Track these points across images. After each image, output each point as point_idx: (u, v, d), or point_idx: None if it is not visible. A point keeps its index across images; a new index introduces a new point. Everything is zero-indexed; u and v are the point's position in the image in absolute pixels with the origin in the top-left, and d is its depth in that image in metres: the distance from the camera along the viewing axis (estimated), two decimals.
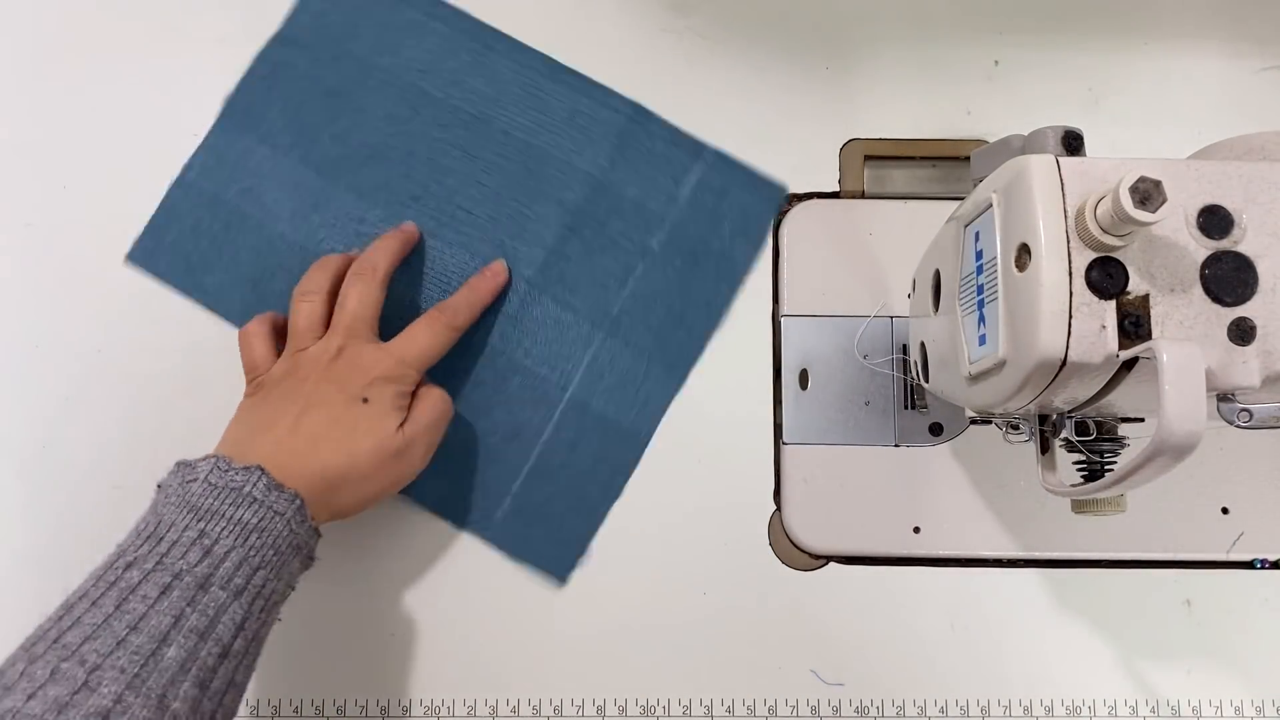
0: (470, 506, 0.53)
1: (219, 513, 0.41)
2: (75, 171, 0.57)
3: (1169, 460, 0.33)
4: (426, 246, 0.55)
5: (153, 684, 0.36)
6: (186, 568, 0.40)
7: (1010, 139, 0.41)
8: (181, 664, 0.38)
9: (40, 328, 0.55)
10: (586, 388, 0.54)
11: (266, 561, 0.42)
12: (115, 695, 0.35)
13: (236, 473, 0.42)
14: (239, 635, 0.40)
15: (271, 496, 0.43)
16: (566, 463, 0.54)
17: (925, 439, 0.55)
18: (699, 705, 0.52)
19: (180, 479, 0.43)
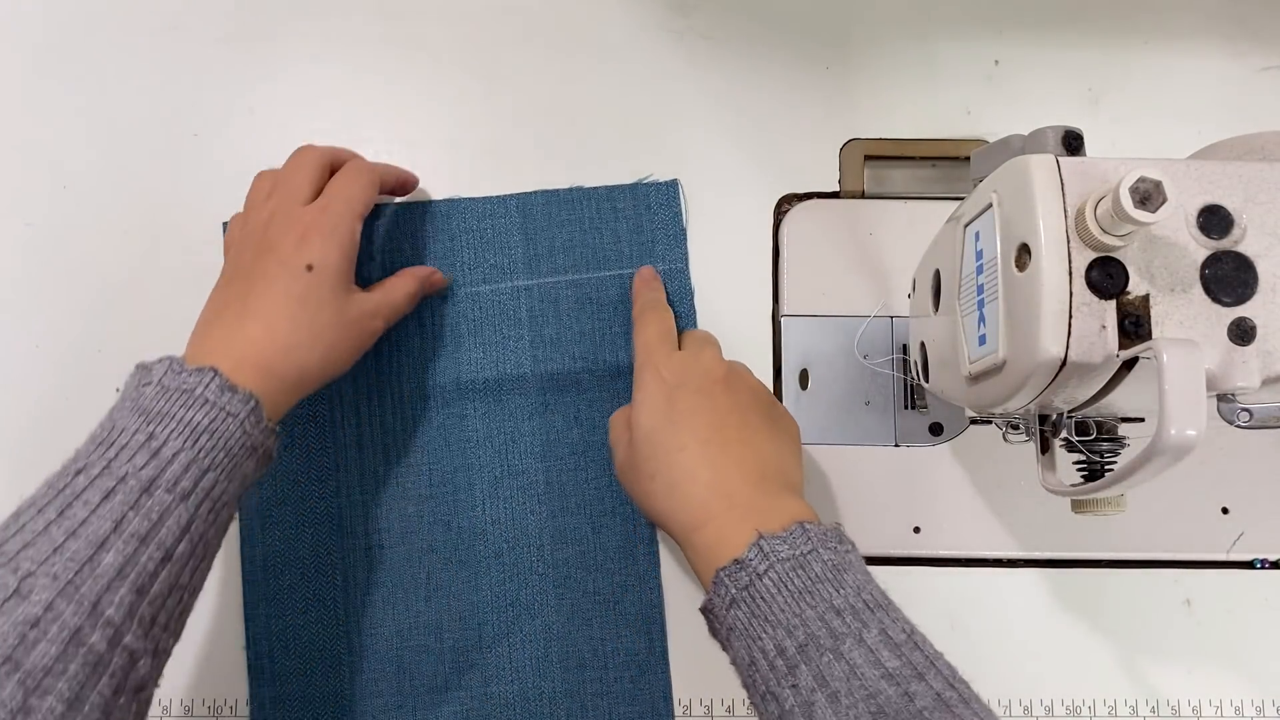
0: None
1: (169, 414, 0.40)
2: (75, 171, 0.57)
3: (1169, 460, 0.33)
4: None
5: (86, 590, 0.35)
6: (132, 471, 0.38)
7: (1010, 139, 0.41)
8: (119, 569, 0.36)
9: (40, 328, 0.55)
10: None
11: (217, 464, 0.41)
12: (45, 602, 0.34)
13: (189, 374, 0.41)
14: (184, 538, 0.39)
15: (224, 398, 0.41)
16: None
17: (925, 439, 0.55)
18: (699, 705, 0.52)
19: (136, 381, 0.42)
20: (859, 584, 0.39)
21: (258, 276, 0.45)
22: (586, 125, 0.58)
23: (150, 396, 0.41)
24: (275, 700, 0.52)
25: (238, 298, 0.45)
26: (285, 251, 0.45)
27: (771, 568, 0.39)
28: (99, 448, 0.39)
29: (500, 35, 0.58)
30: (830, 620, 0.38)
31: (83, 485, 0.38)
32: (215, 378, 0.41)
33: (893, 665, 0.36)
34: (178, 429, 0.40)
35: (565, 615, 0.53)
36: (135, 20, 0.58)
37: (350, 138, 0.57)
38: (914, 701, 0.35)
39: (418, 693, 0.52)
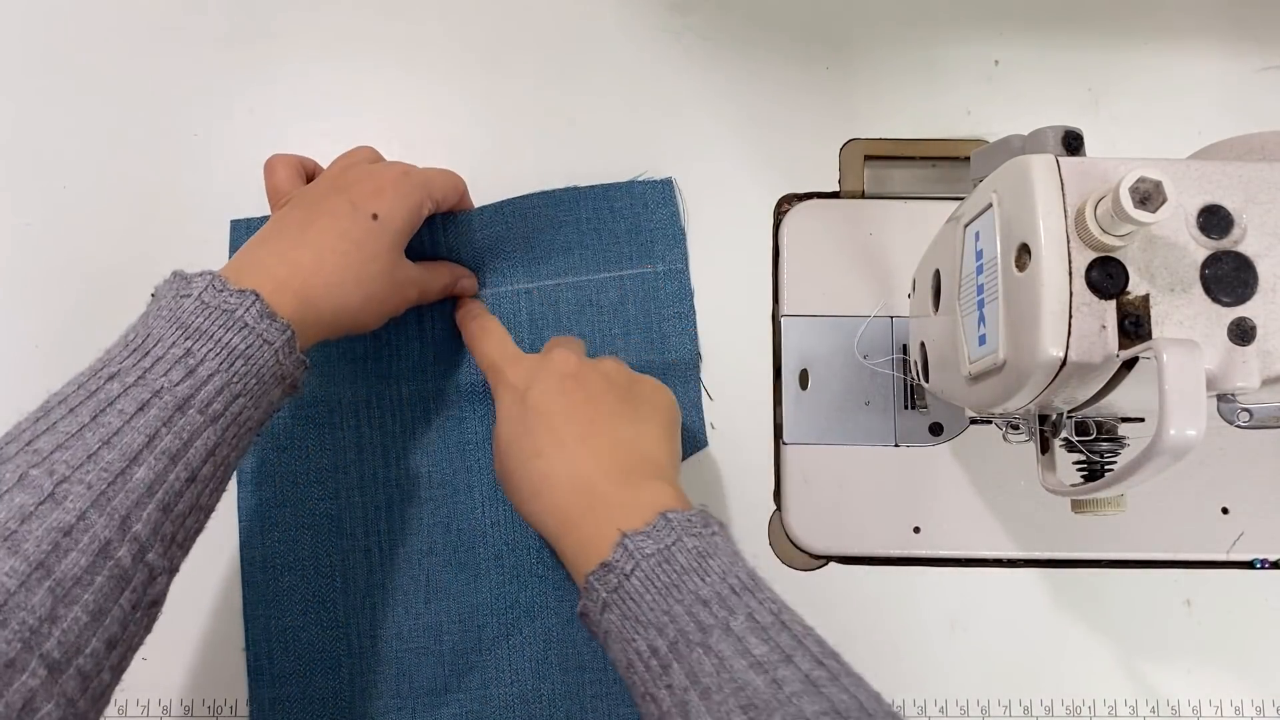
0: None
1: (207, 333, 0.40)
2: (75, 171, 0.57)
3: (1169, 460, 0.33)
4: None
5: (118, 503, 0.35)
6: (167, 386, 0.38)
7: (1010, 139, 0.41)
8: (149, 485, 0.36)
9: (40, 328, 0.55)
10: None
11: (248, 389, 0.41)
12: (79, 511, 0.34)
13: (231, 294, 0.41)
14: (209, 460, 0.39)
15: (263, 324, 0.41)
16: None
17: (925, 439, 0.55)
18: None
19: (175, 291, 0.41)
20: (724, 568, 0.39)
21: (323, 211, 0.45)
22: (586, 125, 0.58)
23: (189, 310, 0.40)
24: (275, 702, 0.52)
25: (296, 225, 0.45)
26: (357, 194, 0.46)
27: (638, 566, 0.39)
28: (133, 355, 0.39)
29: (500, 35, 0.58)
30: (697, 613, 0.37)
31: (117, 392, 0.37)
32: (256, 302, 0.41)
33: (760, 652, 0.36)
34: (214, 349, 0.39)
35: (565, 617, 0.53)
36: (135, 20, 0.58)
37: (350, 138, 0.57)
38: (782, 689, 0.35)
39: (417, 695, 0.52)
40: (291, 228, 0.45)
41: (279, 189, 0.49)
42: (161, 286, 0.42)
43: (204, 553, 0.54)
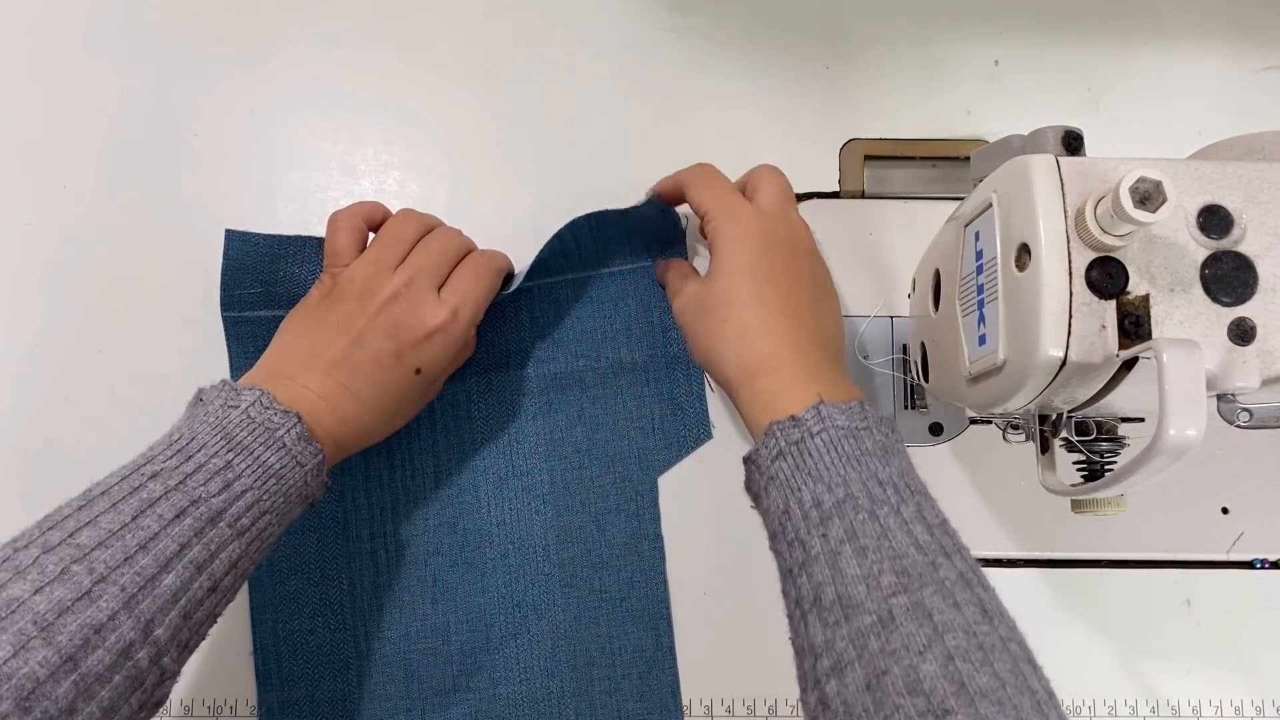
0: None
1: (249, 449, 0.42)
2: (75, 171, 0.57)
3: (1169, 460, 0.33)
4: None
5: (145, 608, 0.37)
6: (204, 496, 0.40)
7: (1010, 139, 0.41)
8: (174, 593, 0.38)
9: (40, 328, 0.55)
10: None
11: (275, 508, 0.43)
12: (111, 612, 0.36)
13: (276, 413, 0.43)
14: (230, 572, 0.41)
15: (299, 447, 0.43)
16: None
17: (925, 439, 0.55)
18: (699, 705, 0.52)
19: (223, 401, 0.43)
20: (904, 469, 0.40)
21: (370, 361, 0.46)
22: (586, 125, 0.58)
23: (235, 423, 0.42)
24: (283, 705, 0.52)
25: (343, 365, 0.46)
26: (405, 345, 0.47)
27: (825, 429, 0.40)
28: (176, 456, 0.41)
29: (500, 35, 0.58)
30: (872, 487, 0.39)
31: (158, 493, 0.39)
32: (297, 424, 0.43)
33: (924, 539, 0.37)
34: (252, 466, 0.42)
35: (572, 614, 0.53)
36: (135, 20, 0.58)
37: (350, 138, 0.58)
38: (938, 571, 0.36)
39: (426, 695, 0.52)
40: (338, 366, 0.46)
41: (338, 253, 0.49)
42: (209, 391, 0.44)
43: None
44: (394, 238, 0.49)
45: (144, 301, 0.56)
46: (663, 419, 0.55)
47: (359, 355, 0.46)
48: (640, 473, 0.54)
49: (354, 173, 0.57)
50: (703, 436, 0.55)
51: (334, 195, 0.57)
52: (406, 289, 0.47)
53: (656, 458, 0.54)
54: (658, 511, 0.54)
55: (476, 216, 0.57)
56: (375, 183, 0.57)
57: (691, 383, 0.55)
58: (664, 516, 0.54)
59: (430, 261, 0.48)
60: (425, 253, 0.49)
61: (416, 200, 0.57)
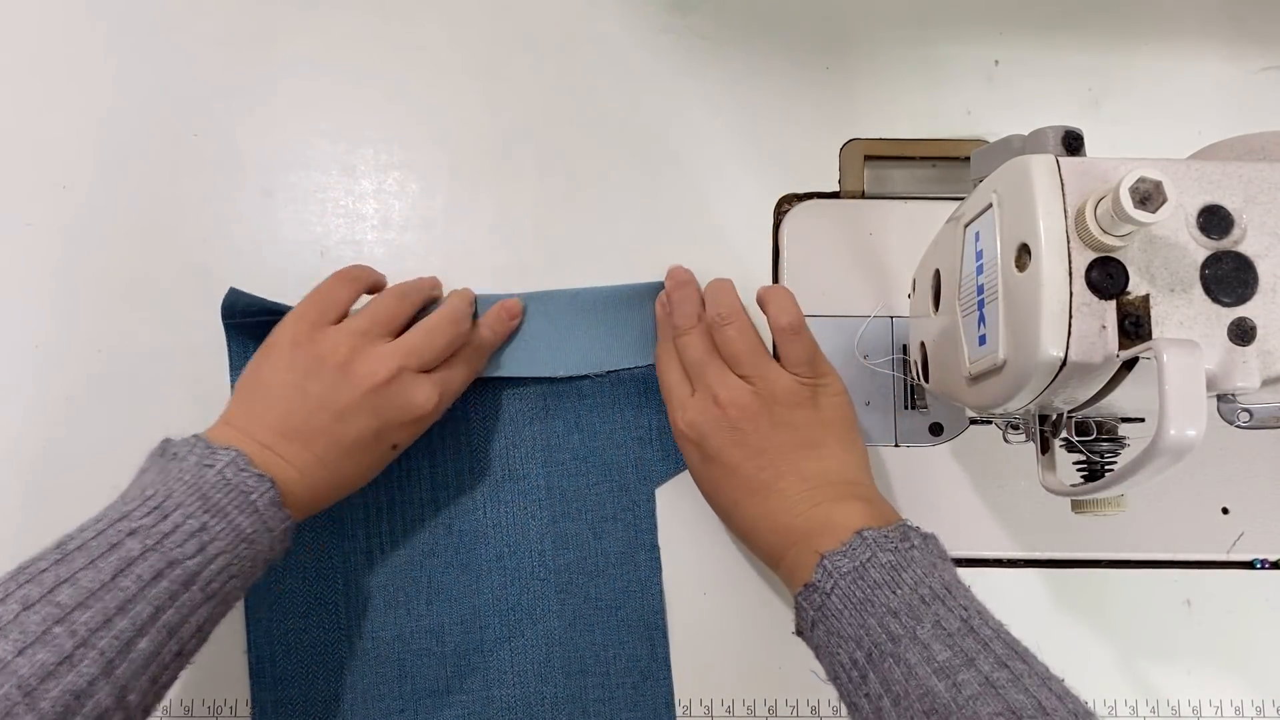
0: None
1: (224, 511, 0.42)
2: (75, 171, 0.57)
3: (1169, 460, 0.33)
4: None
5: (121, 673, 0.37)
6: (181, 558, 0.40)
7: (1010, 139, 0.41)
8: (147, 659, 0.38)
9: (40, 328, 0.55)
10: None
11: (242, 571, 0.43)
12: (91, 678, 0.36)
13: (251, 476, 0.43)
14: (196, 635, 0.41)
15: (270, 512, 0.44)
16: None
17: (925, 439, 0.55)
18: (699, 705, 0.52)
19: (199, 459, 0.43)
20: (916, 580, 0.41)
21: (351, 437, 0.46)
22: (586, 125, 0.58)
23: (211, 483, 0.42)
24: (277, 704, 0.52)
25: (322, 439, 0.46)
26: (387, 426, 0.47)
27: (836, 584, 0.42)
28: (153, 514, 0.41)
29: (499, 36, 0.58)
30: (889, 624, 0.40)
31: (136, 552, 0.39)
32: (270, 489, 0.43)
33: (943, 658, 0.38)
34: (226, 529, 0.42)
35: (567, 620, 0.53)
36: (135, 20, 0.58)
37: (350, 138, 0.57)
38: (961, 692, 0.37)
39: (419, 696, 0.52)
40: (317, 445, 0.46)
41: (335, 302, 0.49)
42: (181, 445, 0.44)
43: None
44: (389, 315, 0.49)
45: (144, 301, 0.56)
46: (661, 430, 0.54)
47: (340, 431, 0.46)
48: (637, 482, 0.54)
49: (354, 173, 0.57)
50: None
51: (334, 195, 0.57)
52: (398, 376, 0.47)
53: (654, 469, 0.54)
54: (654, 522, 0.54)
55: (476, 216, 0.57)
56: (375, 183, 0.57)
57: None
58: (663, 516, 0.54)
59: (430, 351, 0.48)
60: (426, 339, 0.49)
61: (416, 200, 0.57)
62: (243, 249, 0.56)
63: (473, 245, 0.57)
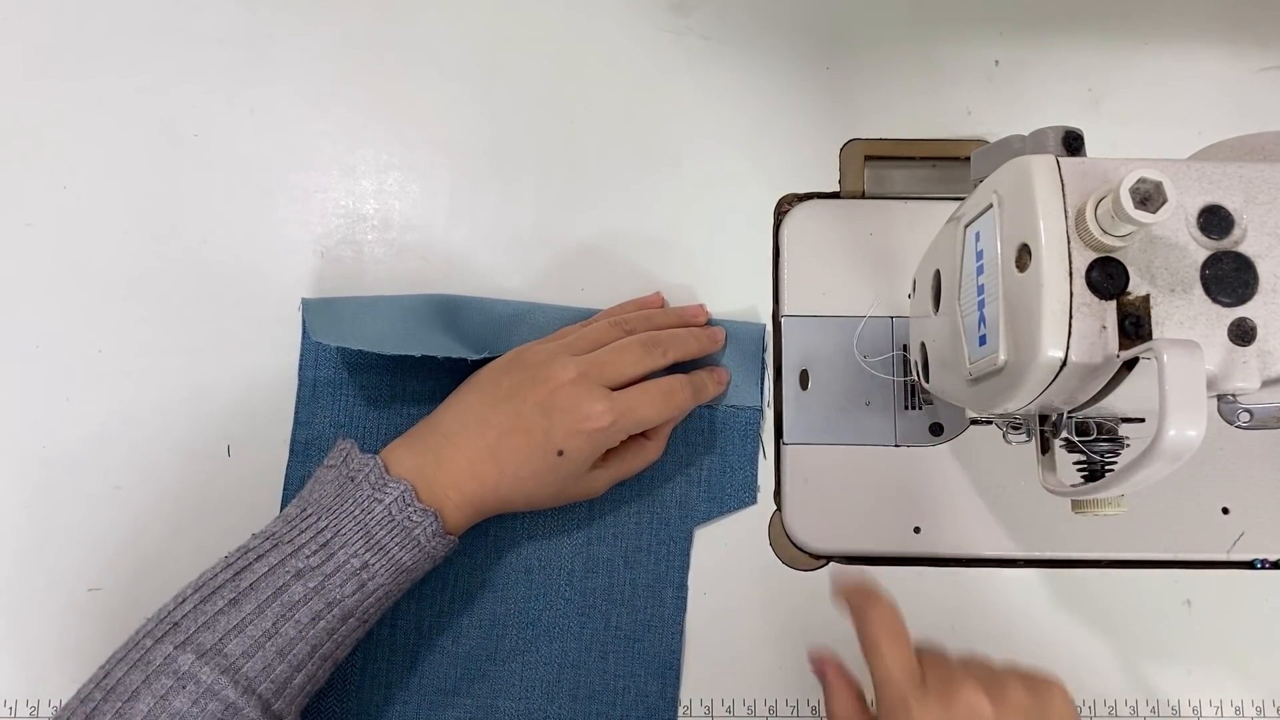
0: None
1: (386, 549, 0.44)
2: (75, 171, 0.57)
3: (1169, 461, 0.33)
4: None
5: (278, 707, 0.42)
6: (341, 598, 0.43)
7: (1011, 139, 0.41)
8: (301, 685, 0.43)
9: (40, 328, 0.55)
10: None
11: (399, 590, 0.46)
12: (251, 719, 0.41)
13: (416, 511, 0.45)
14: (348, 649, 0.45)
15: (433, 543, 0.45)
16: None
17: (925, 439, 0.55)
18: (699, 705, 0.52)
19: (370, 492, 0.45)
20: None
21: (520, 428, 0.47)
22: (586, 126, 0.58)
23: (377, 520, 0.44)
24: None
25: (495, 428, 0.47)
26: (556, 424, 0.47)
27: None
28: (319, 553, 0.44)
29: (500, 36, 0.58)
30: None
31: (298, 596, 0.43)
32: (434, 523, 0.45)
33: None
34: (387, 565, 0.45)
35: (584, 644, 0.52)
36: (135, 20, 0.58)
37: (350, 138, 0.58)
38: None
39: (426, 692, 0.52)
40: (490, 432, 0.47)
41: (582, 334, 0.51)
42: (359, 467, 0.46)
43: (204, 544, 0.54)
44: (596, 336, 0.50)
45: (144, 301, 0.56)
46: (710, 472, 0.54)
47: (513, 424, 0.47)
48: (678, 519, 0.54)
49: (354, 173, 0.57)
50: (747, 500, 0.54)
51: (334, 195, 0.57)
52: (578, 379, 0.47)
53: (696, 509, 0.54)
54: (688, 561, 0.53)
55: (476, 216, 0.57)
56: (375, 183, 0.57)
57: (746, 443, 0.54)
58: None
59: (613, 366, 0.49)
60: (613, 354, 0.49)
61: (416, 200, 0.57)
62: (243, 249, 0.56)
63: (473, 245, 0.57)
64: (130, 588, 0.53)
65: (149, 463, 0.54)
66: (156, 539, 0.53)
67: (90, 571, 0.53)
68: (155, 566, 0.53)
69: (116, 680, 0.40)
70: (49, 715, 0.52)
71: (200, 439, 0.54)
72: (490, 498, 0.47)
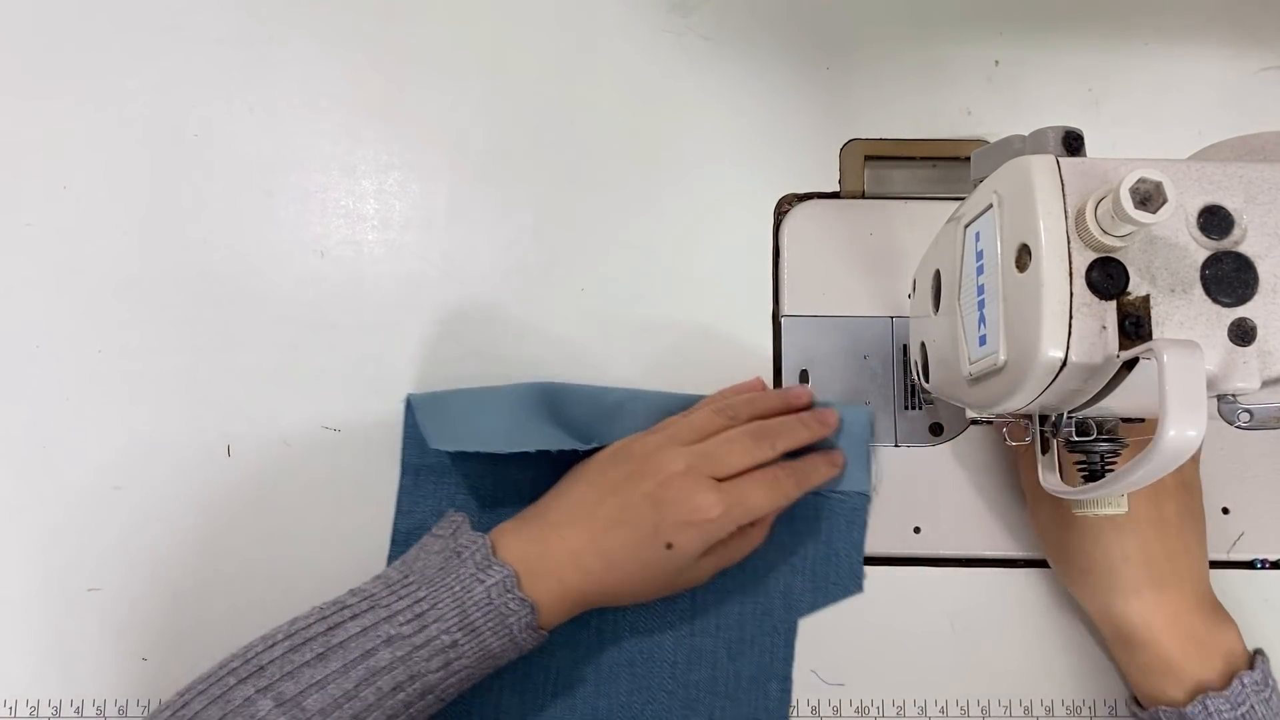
0: None
1: (478, 632, 0.44)
2: (75, 171, 0.57)
3: (1169, 461, 0.33)
4: None
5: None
6: (425, 672, 0.43)
7: (1011, 139, 0.41)
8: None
9: (40, 328, 0.55)
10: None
11: (479, 678, 0.45)
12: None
13: (514, 599, 0.44)
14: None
15: (524, 635, 0.45)
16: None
17: (925, 439, 0.55)
18: None
19: (475, 568, 0.44)
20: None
21: (629, 520, 0.46)
22: (586, 126, 0.58)
23: (475, 602, 0.44)
24: None
25: (602, 521, 0.47)
26: (666, 517, 0.46)
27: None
28: (414, 622, 0.43)
29: (500, 36, 0.58)
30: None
31: (384, 663, 0.42)
32: (529, 616, 0.44)
33: None
34: (475, 649, 0.44)
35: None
36: (135, 20, 0.58)
37: (350, 138, 0.58)
38: None
39: None
40: (597, 525, 0.47)
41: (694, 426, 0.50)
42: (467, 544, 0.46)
43: (204, 544, 0.54)
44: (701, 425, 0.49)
45: (144, 301, 0.56)
46: (815, 561, 0.53)
47: (620, 517, 0.46)
48: (783, 610, 0.53)
49: (354, 173, 0.57)
50: (853, 589, 0.53)
51: (334, 195, 0.57)
52: (687, 471, 0.47)
53: (801, 599, 0.53)
54: (792, 653, 0.52)
55: (476, 216, 0.57)
56: (375, 183, 0.57)
57: (852, 530, 0.53)
58: None
59: (722, 459, 0.48)
60: (722, 446, 0.48)
61: (416, 200, 0.57)
62: (243, 249, 0.56)
63: (473, 245, 0.57)
64: (130, 588, 0.53)
65: (149, 463, 0.54)
66: (156, 539, 0.53)
67: (90, 571, 0.53)
68: (155, 566, 0.53)
69: (194, 713, 0.40)
70: (48, 715, 0.52)
71: (200, 439, 0.54)
72: (594, 590, 0.46)
